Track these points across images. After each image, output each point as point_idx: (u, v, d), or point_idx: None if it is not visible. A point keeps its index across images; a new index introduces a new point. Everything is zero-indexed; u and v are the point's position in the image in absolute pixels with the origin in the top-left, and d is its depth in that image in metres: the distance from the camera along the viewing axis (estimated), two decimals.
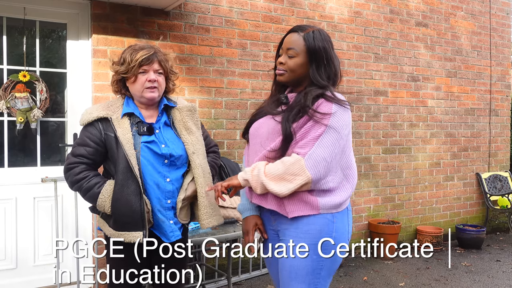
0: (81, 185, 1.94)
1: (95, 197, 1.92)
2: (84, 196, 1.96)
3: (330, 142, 1.63)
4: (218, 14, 3.91)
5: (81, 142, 1.96)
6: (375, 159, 4.87)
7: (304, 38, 1.73)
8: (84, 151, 1.94)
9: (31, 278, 3.37)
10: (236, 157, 3.97)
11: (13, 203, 3.34)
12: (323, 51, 1.73)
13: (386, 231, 4.56)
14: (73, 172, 1.94)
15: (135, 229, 1.91)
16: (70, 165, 1.95)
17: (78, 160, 1.94)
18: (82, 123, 1.97)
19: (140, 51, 1.94)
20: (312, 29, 1.76)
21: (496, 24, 5.83)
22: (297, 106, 1.70)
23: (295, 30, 1.78)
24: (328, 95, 1.69)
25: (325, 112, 1.64)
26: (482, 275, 4.16)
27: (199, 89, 3.83)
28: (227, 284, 3.10)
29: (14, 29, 3.39)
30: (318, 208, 1.68)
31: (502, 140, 5.98)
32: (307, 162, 1.61)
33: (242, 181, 1.73)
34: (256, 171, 1.68)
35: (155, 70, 1.96)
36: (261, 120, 1.81)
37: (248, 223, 1.86)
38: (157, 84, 1.96)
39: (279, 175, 1.63)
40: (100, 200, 1.92)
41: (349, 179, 1.76)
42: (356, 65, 4.71)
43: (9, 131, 3.34)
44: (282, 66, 1.76)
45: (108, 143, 1.93)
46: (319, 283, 1.72)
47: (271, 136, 1.73)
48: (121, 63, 1.97)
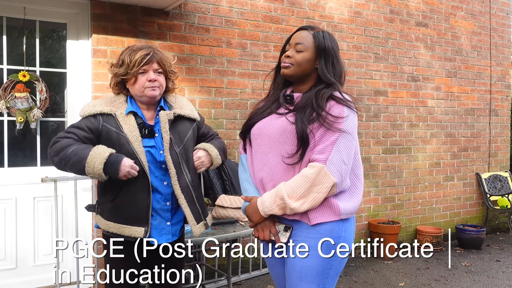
0: (67, 150, 1.82)
1: (84, 157, 1.80)
2: (70, 162, 1.82)
3: (346, 146, 1.66)
4: (218, 14, 3.91)
5: (76, 125, 1.93)
6: (375, 159, 4.87)
7: (314, 35, 1.77)
8: (77, 131, 1.90)
9: (31, 278, 3.37)
10: (236, 157, 3.97)
11: (13, 203, 3.34)
12: (331, 49, 1.77)
13: (386, 231, 4.56)
14: (59, 143, 1.86)
15: (137, 224, 1.91)
16: (58, 138, 1.89)
17: (67, 135, 1.88)
18: (83, 114, 1.94)
19: (139, 51, 1.93)
20: (321, 30, 1.81)
21: (496, 24, 5.83)
22: (308, 107, 1.69)
23: (304, 28, 1.81)
24: (338, 96, 1.70)
25: (337, 115, 1.65)
26: (482, 275, 4.16)
27: (199, 89, 3.83)
28: (227, 284, 3.10)
29: (14, 29, 3.39)
30: (340, 214, 1.69)
31: (502, 140, 5.98)
32: (329, 168, 1.62)
33: (265, 215, 1.72)
34: (279, 199, 1.66)
35: (155, 70, 1.95)
36: (266, 119, 1.79)
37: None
38: (157, 84, 1.95)
39: (305, 191, 1.63)
40: (90, 157, 1.80)
41: (360, 178, 1.80)
42: (356, 65, 4.71)
43: (9, 131, 3.34)
44: (289, 59, 1.77)
45: (105, 134, 1.90)
46: (327, 283, 1.73)
47: (283, 136, 1.71)
48: (120, 65, 1.95)
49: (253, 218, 1.75)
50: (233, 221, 2.89)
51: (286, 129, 1.70)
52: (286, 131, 1.70)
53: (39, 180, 3.05)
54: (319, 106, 1.67)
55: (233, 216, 2.91)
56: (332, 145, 1.64)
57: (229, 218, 2.91)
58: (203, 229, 2.04)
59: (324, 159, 1.63)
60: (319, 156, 1.64)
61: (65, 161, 1.84)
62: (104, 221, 1.98)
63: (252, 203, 1.75)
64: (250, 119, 1.85)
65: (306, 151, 1.66)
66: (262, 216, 1.72)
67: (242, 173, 1.88)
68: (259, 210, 1.71)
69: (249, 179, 1.83)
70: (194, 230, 2.00)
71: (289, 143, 1.69)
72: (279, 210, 1.68)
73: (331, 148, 1.63)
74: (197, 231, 2.01)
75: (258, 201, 1.72)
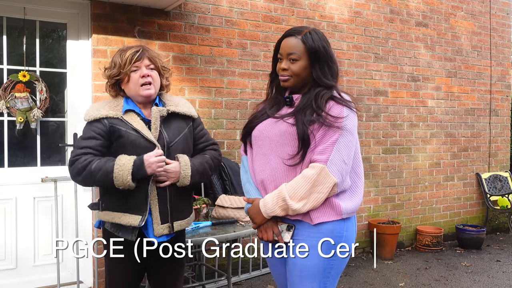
0: (89, 168, 1.84)
1: (110, 170, 1.83)
2: (95, 178, 1.86)
3: (346, 145, 1.66)
4: (218, 14, 3.91)
5: (86, 136, 1.94)
6: (375, 159, 4.87)
7: (302, 40, 1.72)
8: (89, 143, 1.91)
9: (31, 278, 3.37)
10: (236, 157, 3.97)
11: (13, 203, 3.34)
12: (323, 50, 1.73)
13: (386, 231, 4.56)
14: (78, 162, 1.87)
15: (135, 211, 1.91)
16: (75, 157, 1.89)
17: (83, 151, 1.89)
18: (88, 119, 1.96)
19: (128, 50, 1.97)
20: (307, 30, 1.74)
21: (496, 24, 5.83)
22: (308, 108, 1.69)
23: (291, 34, 1.75)
24: (338, 97, 1.71)
25: (337, 115, 1.65)
26: (482, 275, 4.16)
27: (199, 89, 3.83)
28: (227, 284, 3.10)
29: (14, 29, 3.39)
30: (341, 213, 1.70)
31: (502, 140, 5.98)
32: (330, 168, 1.63)
33: (268, 217, 1.72)
34: (281, 201, 1.67)
35: (147, 66, 1.98)
36: (265, 122, 1.79)
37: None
38: (151, 79, 1.97)
39: (306, 192, 1.64)
40: (117, 170, 1.83)
41: (360, 177, 1.81)
42: (356, 65, 4.71)
43: (9, 131, 3.34)
44: (286, 72, 1.74)
45: (114, 135, 1.93)
46: (328, 282, 1.74)
47: (283, 138, 1.71)
48: (112, 67, 1.99)
49: (256, 220, 1.75)
50: (233, 221, 2.89)
51: (286, 131, 1.71)
52: (287, 133, 1.70)
53: (39, 180, 3.05)
54: (318, 107, 1.67)
55: (233, 216, 2.91)
56: (332, 145, 1.64)
57: (229, 218, 2.91)
58: (166, 232, 1.97)
59: (325, 160, 1.63)
60: (319, 156, 1.64)
61: (91, 179, 1.87)
62: (104, 212, 1.99)
63: (255, 205, 1.76)
64: (251, 122, 1.85)
65: (307, 152, 1.67)
66: (265, 217, 1.72)
67: (244, 175, 1.89)
68: (261, 212, 1.72)
69: (251, 180, 1.84)
70: (155, 229, 1.95)
71: (290, 145, 1.69)
72: (281, 212, 1.68)
73: (331, 149, 1.64)
74: (158, 231, 1.95)
75: (261, 203, 1.73)
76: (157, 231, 1.96)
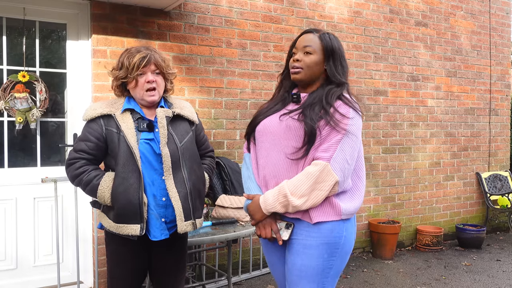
0: (81, 178, 1.97)
1: (95, 189, 1.95)
2: (84, 190, 1.99)
3: (350, 146, 1.67)
4: (218, 14, 3.91)
5: (83, 138, 2.00)
6: (375, 159, 4.87)
7: (320, 37, 1.80)
8: (85, 146, 1.97)
9: (31, 278, 3.37)
10: (236, 157, 3.97)
11: (13, 204, 3.34)
12: (338, 50, 1.80)
13: (386, 231, 4.56)
14: (73, 167, 1.98)
15: (133, 221, 1.93)
16: (71, 160, 1.99)
17: (79, 156, 1.98)
18: (85, 118, 2.01)
19: (137, 54, 1.98)
20: (325, 31, 1.84)
21: (496, 23, 5.83)
22: (317, 104, 1.71)
23: (309, 31, 1.83)
24: (347, 97, 1.74)
25: (344, 114, 1.68)
26: (482, 275, 4.16)
27: (199, 89, 3.83)
28: (227, 284, 3.10)
29: (14, 29, 3.39)
30: (341, 213, 1.70)
31: (502, 139, 5.98)
32: (333, 165, 1.64)
33: (268, 213, 1.73)
34: (282, 197, 1.67)
35: (152, 71, 2.00)
36: (271, 117, 1.81)
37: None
38: (155, 85, 2.00)
39: (308, 188, 1.64)
40: (100, 192, 1.94)
41: (362, 180, 1.81)
42: (356, 65, 4.71)
43: (9, 131, 3.34)
44: (298, 63, 1.78)
45: (109, 138, 1.96)
46: (327, 282, 1.74)
47: (288, 133, 1.72)
48: (120, 68, 2.01)
49: (255, 216, 1.76)
50: (233, 221, 2.89)
51: (292, 126, 1.72)
52: (292, 128, 1.71)
53: (39, 181, 3.05)
54: (327, 103, 1.69)
55: (233, 216, 2.91)
56: (336, 144, 1.65)
57: (229, 218, 2.91)
58: (190, 229, 2.01)
59: (328, 157, 1.64)
60: (323, 154, 1.65)
61: (82, 188, 2.01)
62: (107, 219, 2.01)
63: (255, 201, 1.77)
64: (255, 119, 1.87)
65: (311, 149, 1.68)
66: (265, 213, 1.73)
67: (245, 171, 1.89)
68: (261, 207, 1.72)
69: (252, 177, 1.85)
70: (179, 226, 1.97)
71: (295, 139, 1.70)
72: (281, 208, 1.69)
73: (335, 147, 1.65)
74: (182, 228, 1.98)
75: (261, 199, 1.73)
76: (181, 227, 1.98)
